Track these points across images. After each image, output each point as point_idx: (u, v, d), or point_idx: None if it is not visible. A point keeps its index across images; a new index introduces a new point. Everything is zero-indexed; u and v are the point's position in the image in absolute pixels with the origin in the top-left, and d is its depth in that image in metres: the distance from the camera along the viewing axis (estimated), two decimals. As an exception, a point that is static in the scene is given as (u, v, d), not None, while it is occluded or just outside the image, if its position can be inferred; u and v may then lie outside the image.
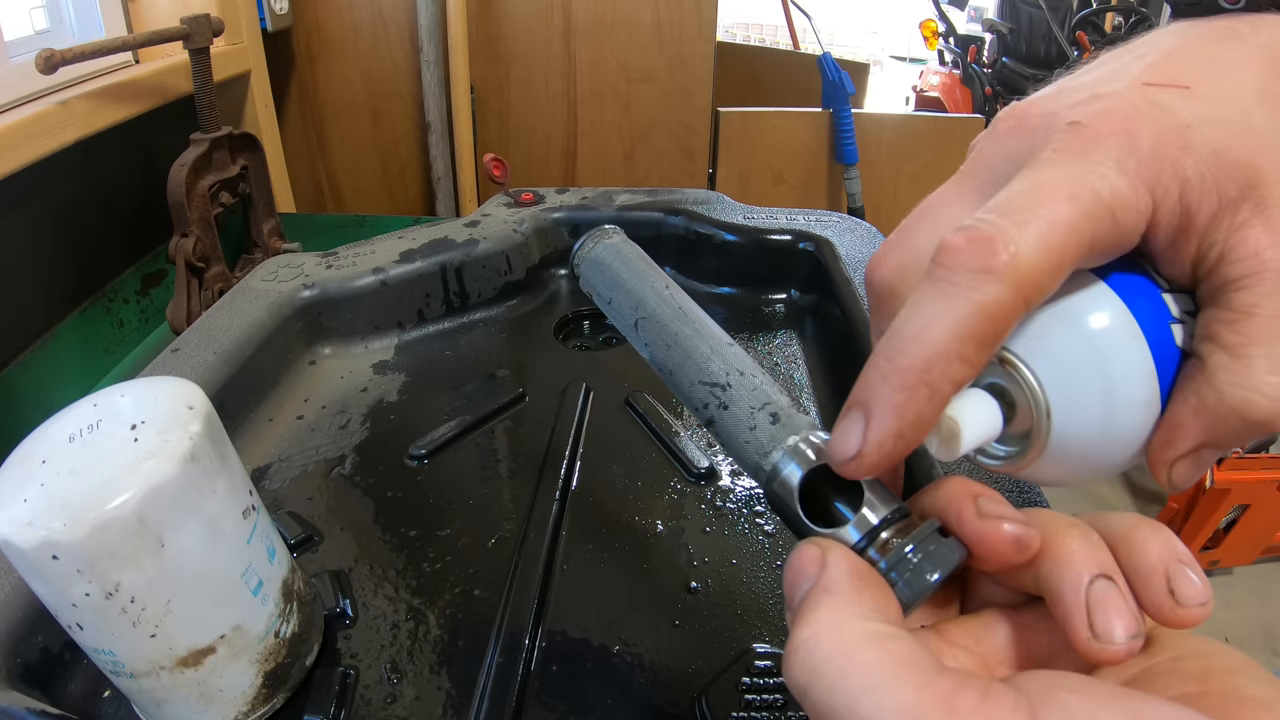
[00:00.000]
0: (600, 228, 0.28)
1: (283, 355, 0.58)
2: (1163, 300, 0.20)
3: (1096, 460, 0.20)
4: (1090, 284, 0.19)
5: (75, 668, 0.36)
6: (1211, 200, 0.19)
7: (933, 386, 0.18)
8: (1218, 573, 1.56)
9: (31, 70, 0.68)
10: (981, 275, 0.17)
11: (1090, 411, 0.19)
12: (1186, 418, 0.19)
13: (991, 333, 0.18)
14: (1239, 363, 0.18)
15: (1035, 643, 0.19)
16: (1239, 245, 0.18)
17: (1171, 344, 0.19)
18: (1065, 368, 0.19)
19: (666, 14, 1.24)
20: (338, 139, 1.33)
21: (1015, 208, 0.18)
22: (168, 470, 0.27)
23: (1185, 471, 0.20)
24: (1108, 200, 0.18)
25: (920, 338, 0.18)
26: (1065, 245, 0.18)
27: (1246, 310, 0.18)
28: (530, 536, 0.43)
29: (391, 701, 0.35)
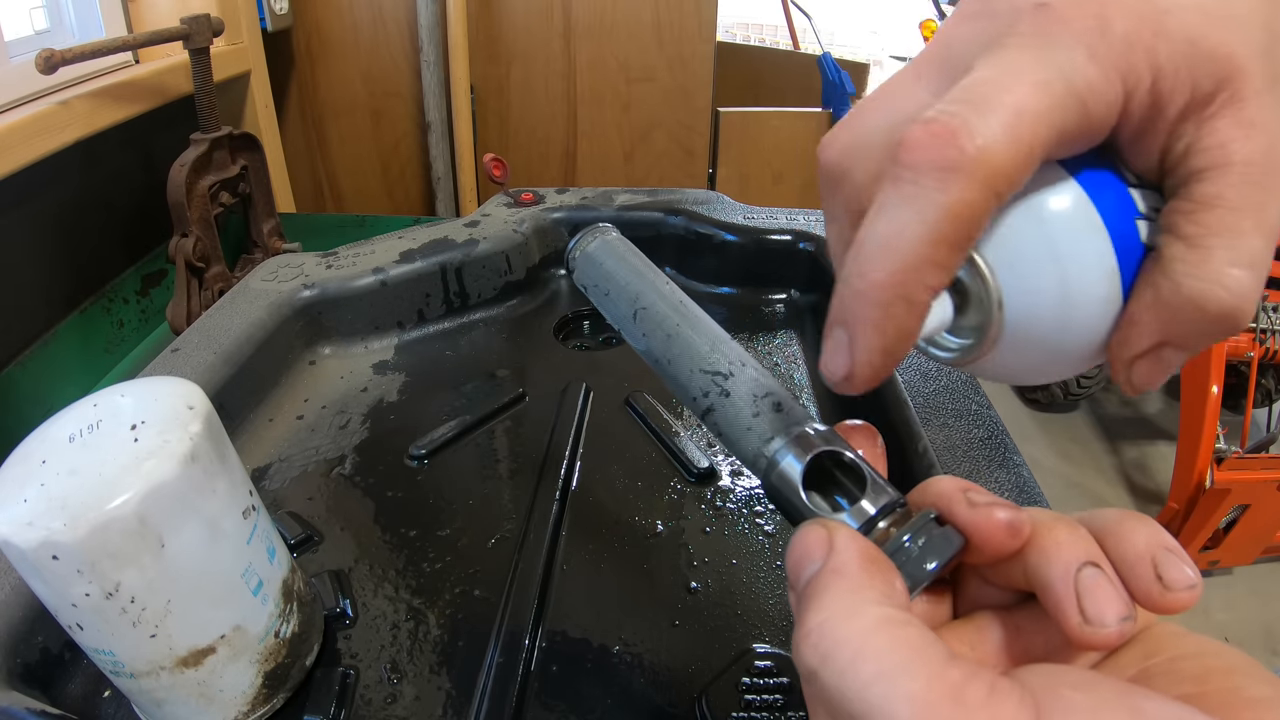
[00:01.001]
0: (595, 225, 0.28)
1: (283, 355, 0.58)
2: (1129, 195, 0.19)
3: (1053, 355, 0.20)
4: (1052, 173, 0.19)
5: (75, 668, 0.36)
6: (1184, 91, 0.17)
7: (910, 299, 0.17)
8: (1218, 573, 1.56)
9: (31, 70, 0.68)
10: (948, 172, 0.16)
11: (1045, 303, 0.19)
12: (1143, 312, 0.18)
13: (964, 234, 0.17)
14: (1196, 253, 0.17)
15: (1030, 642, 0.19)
16: (1206, 137, 0.18)
17: (1135, 239, 0.19)
18: (1020, 258, 0.18)
19: (666, 14, 1.24)
20: (338, 139, 1.33)
21: (980, 95, 0.17)
22: (168, 470, 0.27)
23: (1145, 372, 0.19)
24: (1078, 88, 0.17)
25: (890, 247, 0.17)
26: (1034, 134, 0.16)
27: (1207, 201, 0.17)
28: (530, 536, 0.43)
29: (391, 701, 0.35)
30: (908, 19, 3.65)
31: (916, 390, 0.49)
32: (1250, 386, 1.48)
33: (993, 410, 0.48)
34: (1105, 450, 1.96)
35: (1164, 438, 1.97)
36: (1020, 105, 0.16)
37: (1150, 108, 0.18)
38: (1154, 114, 0.18)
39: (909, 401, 0.48)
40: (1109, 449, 1.96)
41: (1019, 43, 0.17)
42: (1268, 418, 1.68)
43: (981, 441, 0.45)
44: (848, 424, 0.23)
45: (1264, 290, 1.48)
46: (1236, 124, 0.17)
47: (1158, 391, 2.18)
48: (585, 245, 0.27)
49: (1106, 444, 1.98)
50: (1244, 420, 1.53)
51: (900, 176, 0.17)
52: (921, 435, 0.45)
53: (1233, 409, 1.58)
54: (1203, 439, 1.39)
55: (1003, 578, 0.19)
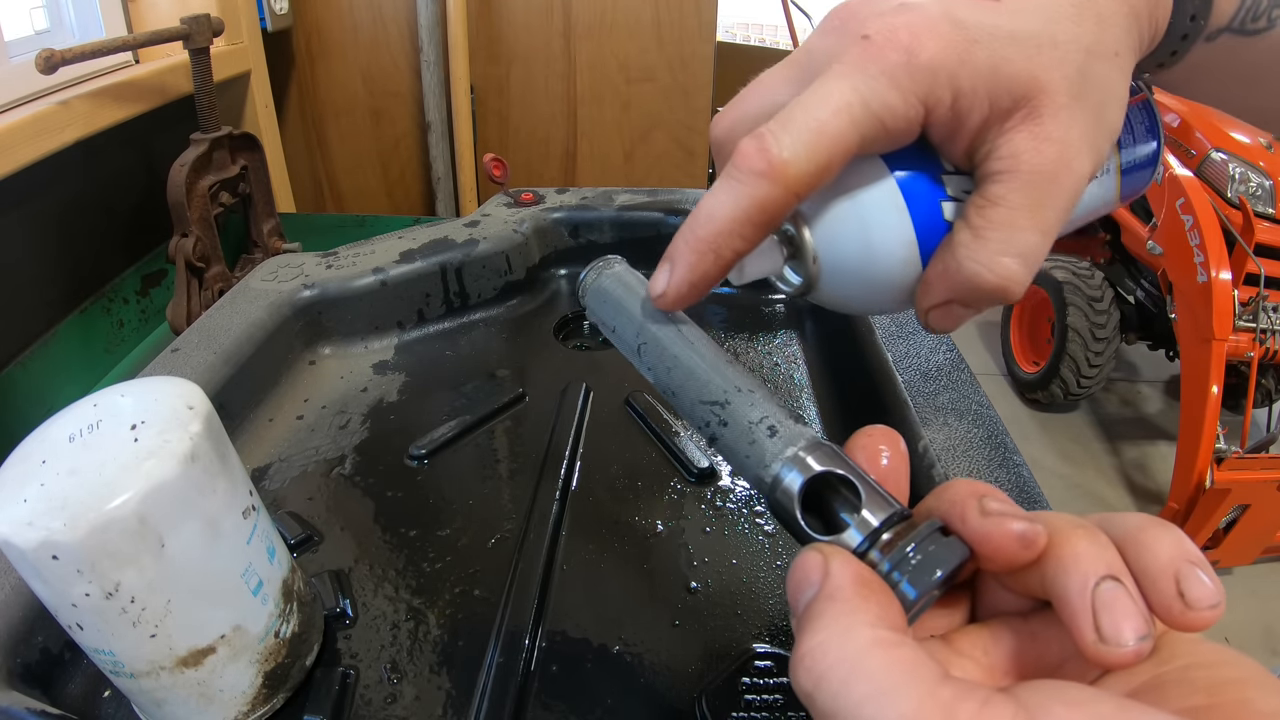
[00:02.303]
0: (603, 257, 0.29)
1: (283, 355, 0.58)
2: (938, 181, 0.24)
3: (867, 299, 0.25)
4: (873, 164, 0.24)
5: (75, 668, 0.36)
6: (982, 108, 0.22)
7: (718, 253, 0.23)
8: (1218, 573, 1.56)
9: (31, 70, 0.68)
10: (758, 176, 0.21)
11: (852, 261, 0.24)
12: (934, 277, 0.23)
13: (763, 219, 0.22)
14: (977, 241, 0.22)
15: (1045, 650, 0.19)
16: (1002, 145, 0.22)
17: (939, 217, 0.23)
18: (835, 224, 0.24)
19: (666, 14, 1.23)
20: (338, 139, 1.33)
21: (793, 119, 0.21)
22: (168, 470, 0.27)
23: (938, 318, 0.24)
24: (876, 110, 0.21)
25: (713, 216, 0.22)
26: (831, 151, 0.21)
27: (993, 199, 0.22)
28: (530, 536, 0.43)
29: (391, 701, 0.35)
30: (908, 19, 3.62)
31: (916, 390, 0.49)
32: (1250, 386, 1.48)
33: (993, 410, 0.48)
34: (1105, 450, 1.96)
35: (1164, 438, 1.97)
36: (822, 128, 0.21)
37: (952, 120, 0.22)
38: (956, 125, 0.22)
39: (909, 401, 0.48)
40: (1109, 449, 1.96)
41: (838, 71, 0.22)
42: (1268, 418, 1.68)
43: (981, 441, 0.45)
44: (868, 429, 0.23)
45: (1264, 290, 1.48)
46: (1030, 137, 0.22)
47: (1158, 391, 2.18)
48: (591, 281, 0.28)
49: (1106, 444, 1.98)
50: (1244, 420, 1.53)
51: (730, 173, 0.22)
52: (922, 435, 0.45)
53: (1233, 409, 1.58)
54: (1203, 439, 1.39)
55: (1020, 585, 0.19)
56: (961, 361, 0.53)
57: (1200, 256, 1.47)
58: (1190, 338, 1.50)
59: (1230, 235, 1.49)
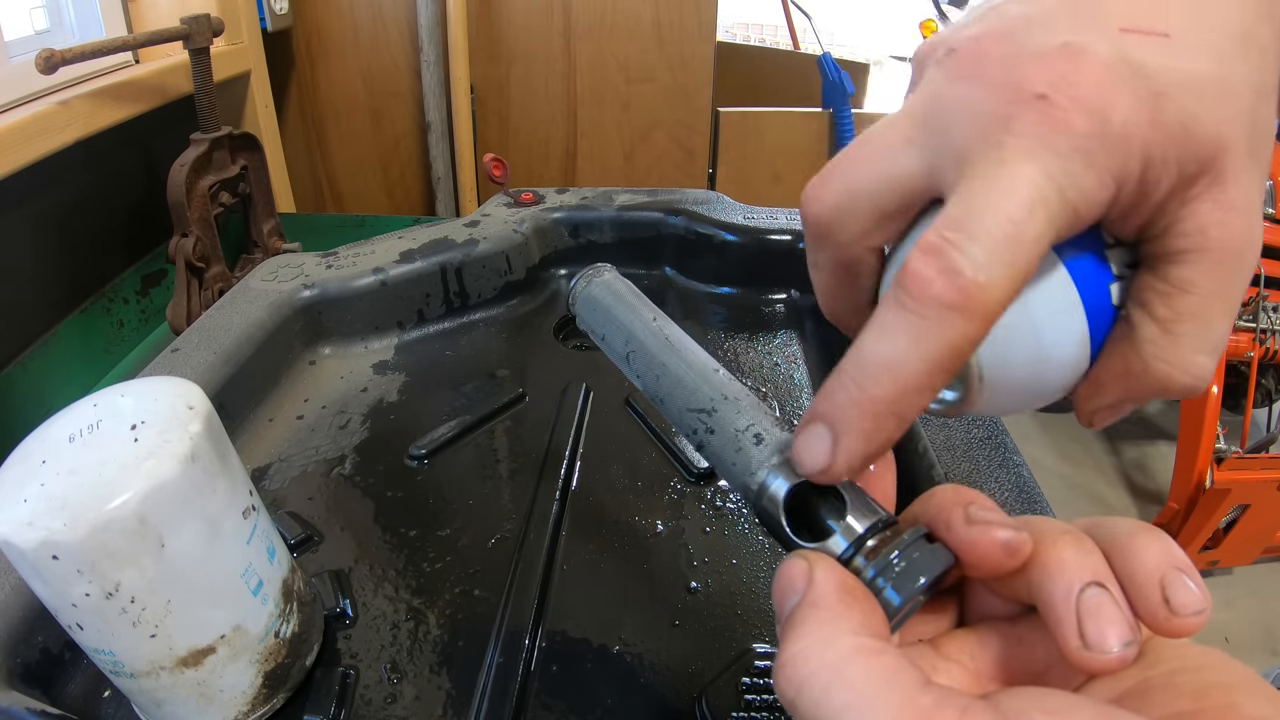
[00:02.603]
0: (593, 266, 0.29)
1: (283, 355, 0.58)
2: (1106, 263, 0.20)
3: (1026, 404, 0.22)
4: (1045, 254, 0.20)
5: (75, 668, 0.36)
6: (1171, 177, 0.18)
7: (901, 416, 0.18)
8: (1218, 573, 1.56)
9: (31, 70, 0.68)
10: (950, 310, 0.17)
11: (1021, 371, 0.20)
12: (1111, 379, 0.20)
13: (958, 362, 0.18)
14: (1167, 337, 0.19)
15: (1031, 655, 0.19)
16: (1186, 219, 0.18)
17: (1108, 302, 0.20)
18: (1002, 334, 0.19)
19: (666, 14, 1.23)
20: (338, 139, 1.33)
21: (979, 225, 0.17)
22: (168, 470, 0.27)
23: (1104, 418, 0.21)
24: (1072, 199, 0.18)
25: (892, 370, 0.18)
26: (1031, 262, 0.17)
27: (1182, 286, 0.18)
28: (530, 536, 0.43)
29: (391, 701, 0.35)
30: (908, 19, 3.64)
31: (916, 390, 0.49)
32: (1250, 386, 1.47)
33: (993, 410, 0.48)
34: (1105, 450, 1.95)
35: (1164, 438, 1.97)
36: (1019, 234, 0.17)
37: (1137, 195, 0.18)
38: (1140, 200, 0.18)
39: (909, 401, 0.48)
40: (1109, 449, 1.96)
41: (1017, 147, 0.18)
42: (1268, 418, 1.68)
43: (981, 441, 0.45)
44: None
45: (1264, 290, 1.47)
46: (1217, 207, 0.18)
47: (1158, 391, 2.17)
48: (581, 289, 0.28)
49: (1106, 444, 1.98)
50: (1244, 420, 1.53)
51: (907, 306, 0.17)
52: (921, 435, 0.45)
53: (1233, 409, 1.58)
54: (1203, 439, 1.39)
55: (1007, 591, 0.19)
56: (961, 361, 0.53)
57: (1200, 256, 1.47)
58: (1190, 338, 1.50)
59: (1230, 235, 1.48)
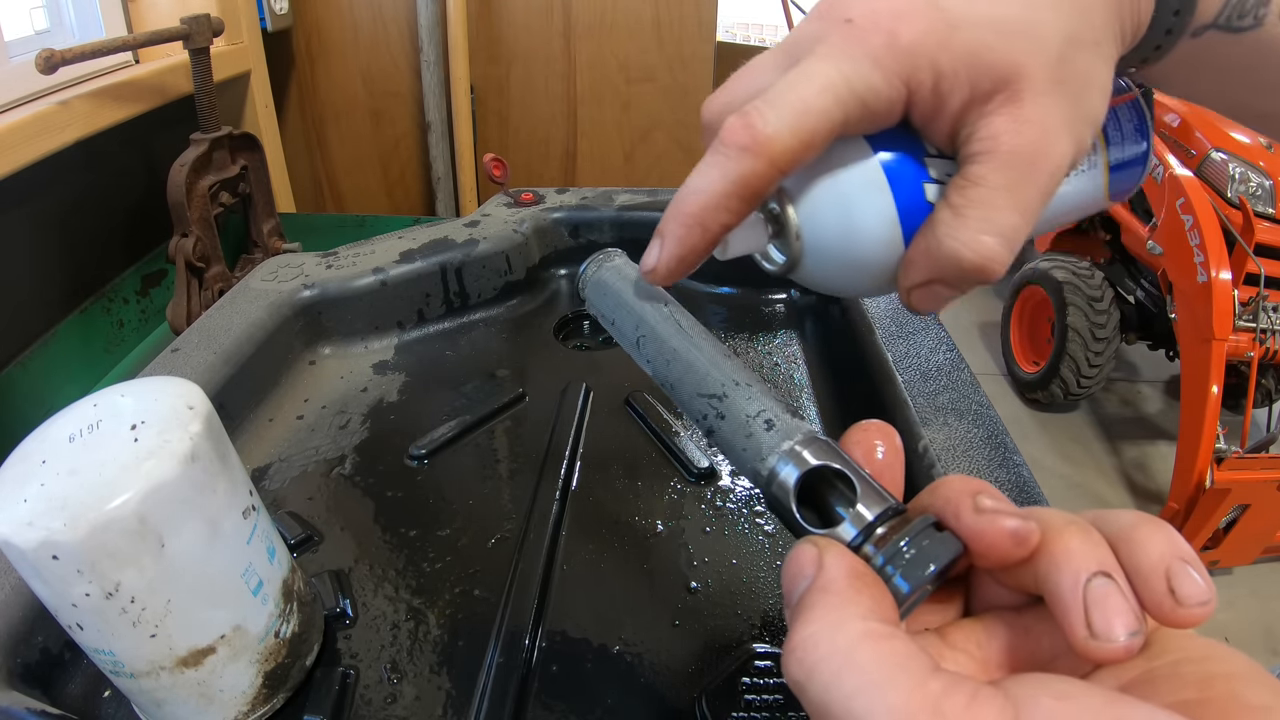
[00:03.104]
0: (604, 250, 0.29)
1: (283, 355, 0.58)
2: (920, 162, 0.24)
3: (850, 277, 0.25)
4: (858, 145, 0.24)
5: (75, 668, 0.36)
6: (963, 91, 0.22)
7: (704, 226, 0.23)
8: (1218, 573, 1.56)
9: (31, 70, 0.68)
10: (743, 150, 0.22)
11: (834, 237, 0.24)
12: (916, 256, 0.23)
13: (749, 192, 0.22)
14: (957, 219, 0.22)
15: (1038, 645, 0.19)
16: (982, 127, 0.22)
17: (921, 198, 0.23)
18: (819, 201, 0.24)
19: (666, 14, 1.23)
20: (338, 139, 1.33)
21: (779, 95, 0.22)
22: (168, 470, 0.27)
23: (920, 298, 0.24)
24: (859, 90, 0.22)
25: (698, 191, 0.23)
26: (815, 128, 0.22)
27: (973, 179, 0.22)
28: (530, 536, 0.43)
29: (391, 701, 0.35)
30: (908, 19, 3.62)
31: (916, 390, 0.49)
32: (1250, 386, 1.47)
33: (993, 410, 0.48)
34: (1105, 450, 1.95)
35: (1164, 438, 1.97)
36: (806, 105, 0.22)
37: (934, 102, 0.22)
38: (937, 107, 0.22)
39: (909, 401, 0.48)
40: (1109, 449, 1.96)
41: (823, 52, 0.22)
42: (1268, 418, 1.68)
43: (981, 441, 0.45)
44: (864, 423, 0.23)
45: (1264, 290, 1.47)
46: (1009, 119, 0.22)
47: (1158, 391, 2.18)
48: (591, 274, 0.29)
49: (1106, 444, 1.98)
50: (1244, 420, 1.53)
51: (716, 148, 0.22)
52: (922, 435, 0.45)
53: (1233, 409, 1.58)
54: (1203, 439, 1.39)
55: (1013, 581, 0.20)
56: (961, 361, 0.53)
57: (1200, 256, 1.47)
58: (1190, 337, 1.50)
59: (1230, 235, 1.49)
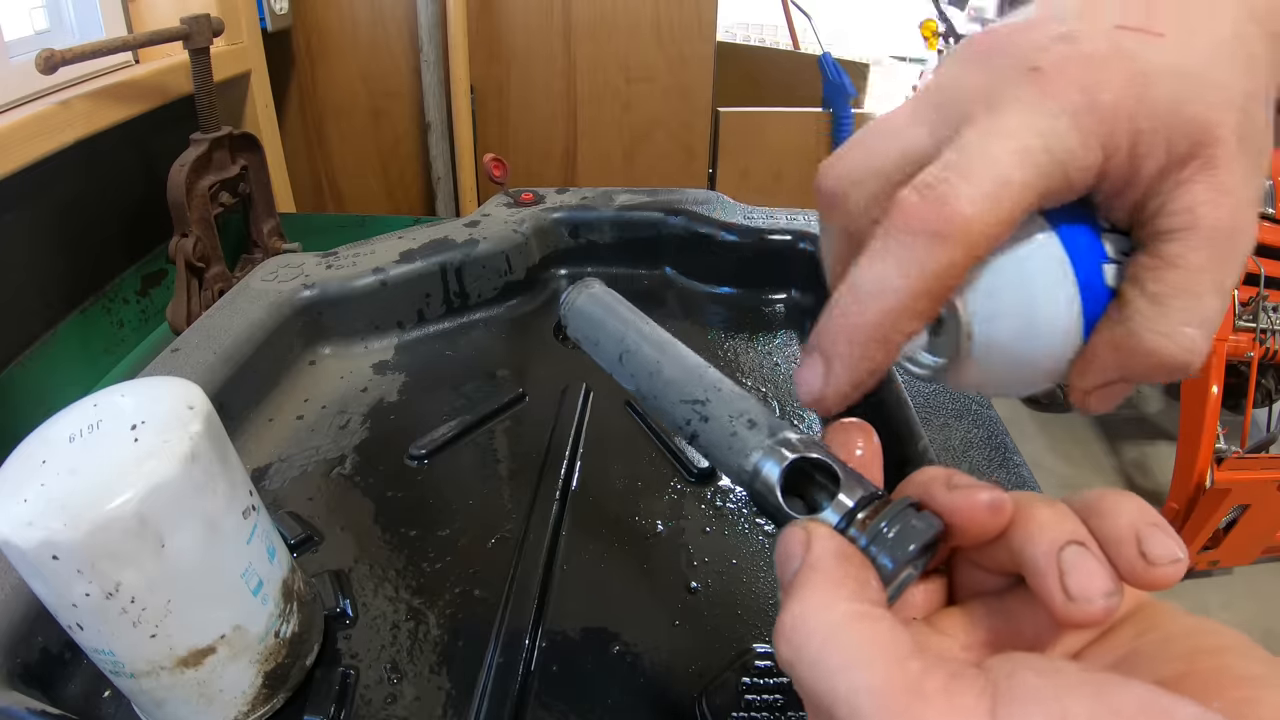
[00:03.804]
0: (582, 280, 0.30)
1: (283, 355, 0.58)
2: (1100, 240, 0.21)
3: (1017, 379, 0.22)
4: (1031, 220, 0.20)
5: (75, 668, 0.36)
6: (1160, 155, 0.19)
7: (888, 341, 0.19)
8: (1218, 573, 1.56)
9: (31, 70, 0.68)
10: (935, 237, 0.18)
11: (1011, 336, 0.21)
12: (1103, 352, 0.20)
13: (943, 290, 0.19)
14: (1156, 309, 0.19)
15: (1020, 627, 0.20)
16: (1177, 199, 0.19)
17: (1101, 282, 0.20)
18: (994, 294, 0.20)
19: (666, 14, 1.23)
20: (338, 139, 1.33)
21: (969, 166, 0.18)
22: (168, 470, 0.27)
23: (1099, 400, 0.21)
24: (1060, 157, 0.19)
25: (878, 296, 0.19)
26: (1015, 203, 0.18)
27: (1171, 260, 0.19)
28: (530, 536, 0.43)
29: (391, 701, 0.35)
30: (908, 19, 3.64)
31: (916, 390, 0.49)
32: (1250, 386, 1.47)
33: (993, 410, 0.48)
34: (1105, 450, 1.95)
35: (1164, 438, 1.97)
36: (1005, 176, 0.18)
37: (1128, 169, 0.19)
38: (1131, 175, 0.19)
39: (909, 401, 0.48)
40: (1109, 449, 1.96)
41: (1009, 108, 0.19)
42: (1268, 418, 1.68)
43: (981, 441, 0.45)
44: (843, 422, 0.23)
45: (1264, 290, 1.47)
46: (1208, 189, 0.19)
47: (1158, 391, 2.18)
48: (573, 301, 0.29)
49: (1106, 444, 1.98)
50: (1244, 420, 1.53)
51: (893, 234, 0.19)
52: (922, 435, 0.45)
53: (1233, 409, 1.58)
54: (1203, 439, 1.39)
55: (991, 561, 0.20)
56: (961, 361, 0.53)
57: (1200, 256, 1.47)
58: (1190, 338, 1.50)
59: (1230, 235, 1.48)
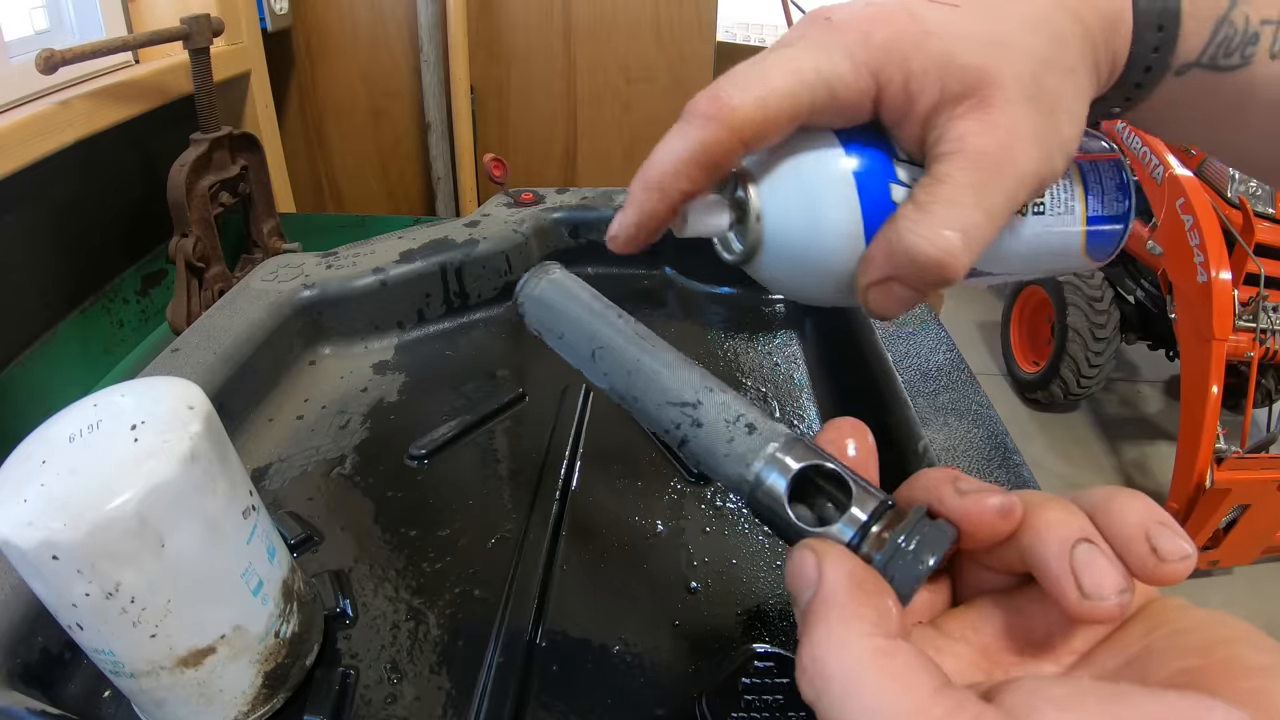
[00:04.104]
0: (540, 264, 0.28)
1: (283, 355, 0.58)
2: (890, 162, 0.24)
3: (809, 271, 0.25)
4: (825, 137, 0.24)
5: (75, 668, 0.36)
6: (933, 91, 0.22)
7: (664, 191, 0.23)
8: (1218, 573, 1.56)
9: (31, 70, 0.68)
10: (705, 118, 0.22)
11: (796, 225, 0.24)
12: (875, 251, 0.23)
13: (709, 159, 0.23)
14: (919, 213, 0.22)
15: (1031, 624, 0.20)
16: (951, 129, 0.22)
17: (887, 198, 0.23)
18: (782, 188, 0.24)
19: (666, 14, 1.23)
20: (338, 139, 1.33)
21: (745, 75, 0.23)
22: (168, 470, 0.27)
23: (877, 298, 0.23)
24: (826, 76, 0.22)
25: (660, 155, 0.23)
26: (779, 104, 0.22)
27: (939, 177, 0.22)
28: (530, 536, 0.43)
29: (391, 701, 0.35)
30: (908, 19, 3.62)
31: (916, 390, 0.49)
32: (1250, 386, 1.48)
33: (993, 410, 0.48)
34: (1105, 450, 1.96)
35: (1164, 438, 1.97)
36: (770, 83, 0.22)
37: (904, 101, 0.23)
38: (907, 106, 0.23)
39: (909, 401, 0.48)
40: (1109, 449, 1.96)
41: (799, 43, 0.23)
42: (1268, 418, 1.68)
43: (981, 441, 0.45)
44: (837, 421, 0.23)
45: (1264, 290, 1.47)
46: (978, 122, 0.22)
47: (1158, 391, 2.18)
48: (531, 288, 0.27)
49: (1106, 444, 1.98)
50: (1244, 420, 1.53)
51: (682, 118, 0.23)
52: (921, 435, 0.45)
53: (1233, 409, 1.58)
54: (1203, 439, 1.39)
55: (1000, 561, 0.20)
56: (961, 361, 0.53)
57: (1200, 256, 1.47)
58: (1190, 338, 1.50)
59: (1230, 235, 1.49)
